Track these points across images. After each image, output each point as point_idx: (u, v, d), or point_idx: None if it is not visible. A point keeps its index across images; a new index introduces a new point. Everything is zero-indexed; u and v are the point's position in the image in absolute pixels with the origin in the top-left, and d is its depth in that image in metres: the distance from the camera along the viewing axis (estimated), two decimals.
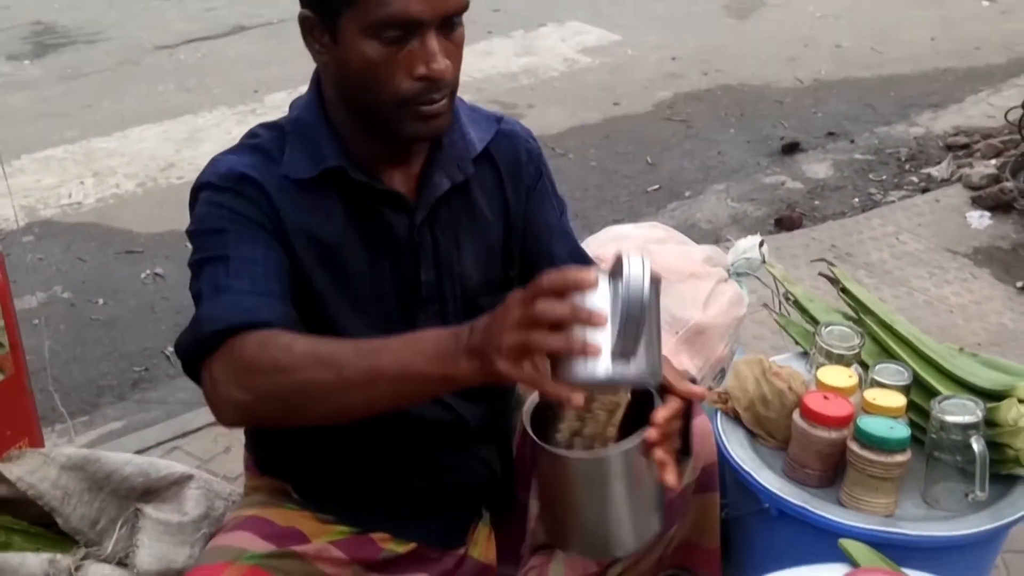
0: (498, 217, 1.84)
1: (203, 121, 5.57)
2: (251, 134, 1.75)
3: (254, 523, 1.81)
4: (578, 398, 1.34)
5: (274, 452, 1.94)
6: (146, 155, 5.21)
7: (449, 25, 1.58)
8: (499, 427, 1.97)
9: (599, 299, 1.29)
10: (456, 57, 1.62)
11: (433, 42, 1.56)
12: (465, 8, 1.60)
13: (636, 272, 1.28)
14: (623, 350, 1.28)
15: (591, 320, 1.27)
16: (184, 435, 3.03)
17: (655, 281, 1.30)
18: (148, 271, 4.23)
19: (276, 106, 5.68)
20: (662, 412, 1.51)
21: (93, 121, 5.49)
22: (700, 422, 1.88)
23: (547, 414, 1.57)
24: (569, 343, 1.28)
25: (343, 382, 1.42)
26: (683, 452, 1.66)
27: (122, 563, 2.16)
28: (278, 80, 5.90)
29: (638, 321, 1.28)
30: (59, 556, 2.11)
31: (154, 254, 4.36)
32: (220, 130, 5.45)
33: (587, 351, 1.27)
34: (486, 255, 1.83)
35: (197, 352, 1.52)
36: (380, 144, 1.70)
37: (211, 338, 1.50)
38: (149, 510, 2.22)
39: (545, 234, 1.90)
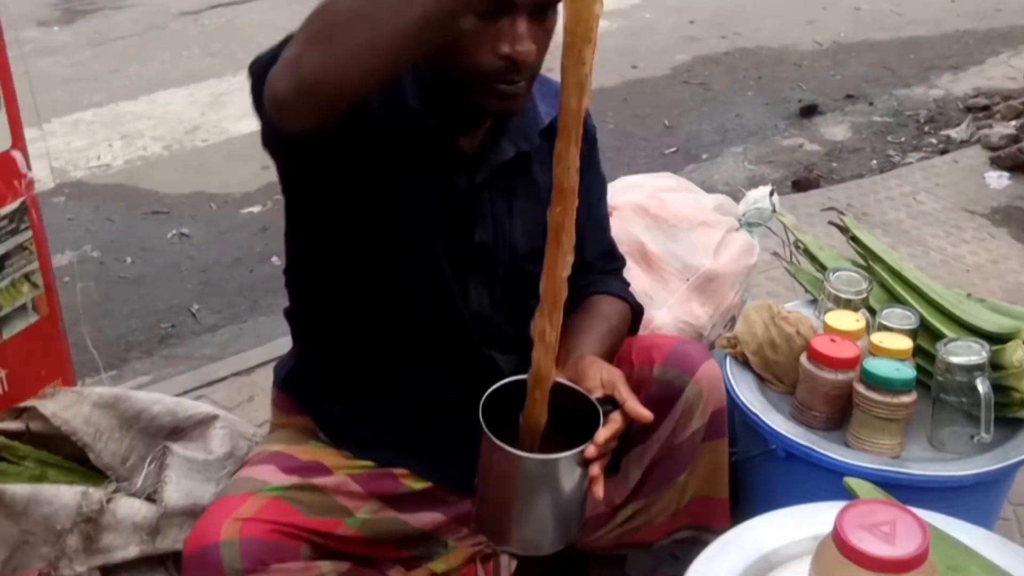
0: (549, 191, 1.88)
1: (227, 85, 5.63)
2: None
3: (278, 457, 1.86)
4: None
5: (303, 387, 2.00)
6: (172, 118, 5.29)
7: (542, 11, 1.58)
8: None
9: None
10: (543, 43, 1.61)
11: (523, 25, 1.56)
12: None
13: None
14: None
15: None
16: (210, 384, 3.10)
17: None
18: (174, 231, 4.31)
19: None
20: (603, 433, 1.60)
21: (121, 85, 5.57)
22: (708, 367, 1.93)
23: (502, 408, 1.65)
24: None
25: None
26: (612, 467, 1.76)
27: (150, 498, 2.23)
28: None
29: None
30: (91, 489, 2.19)
31: (180, 215, 4.44)
32: (244, 94, 5.41)
33: None
34: (534, 226, 1.85)
35: (277, 50, 1.49)
36: (455, 104, 1.71)
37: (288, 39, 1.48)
38: (177, 448, 2.29)
39: (580, 218, 1.95)
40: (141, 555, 2.19)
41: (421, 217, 1.77)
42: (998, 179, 4.28)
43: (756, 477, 2.13)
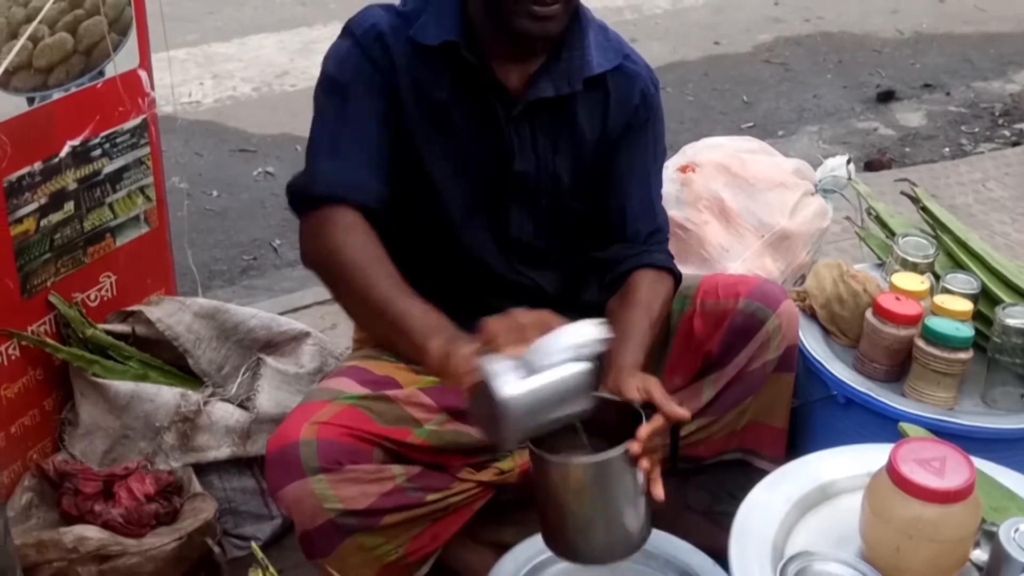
0: (595, 138, 2.01)
1: (317, 34, 5.76)
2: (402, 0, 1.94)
3: (354, 371, 2.00)
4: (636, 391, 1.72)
5: None
6: (263, 61, 5.44)
7: None
8: (582, 301, 2.14)
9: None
10: None
11: None
12: None
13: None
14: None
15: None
16: (294, 310, 3.23)
17: None
18: (260, 169, 4.45)
19: None
20: (645, 429, 1.66)
21: (214, 27, 5.71)
22: (788, 305, 2.07)
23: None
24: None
25: (362, 298, 1.77)
26: (671, 470, 1.81)
27: (243, 405, 2.38)
28: None
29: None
30: (190, 392, 2.35)
31: (266, 154, 4.58)
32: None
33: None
34: (578, 164, 2.00)
35: (302, 204, 1.88)
36: (502, 36, 1.86)
37: (315, 200, 1.84)
38: (270, 360, 2.44)
39: (625, 170, 2.05)
40: (232, 456, 2.34)
41: (461, 144, 1.92)
42: None
43: (815, 421, 2.25)
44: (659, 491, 1.67)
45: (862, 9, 6.35)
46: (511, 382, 1.53)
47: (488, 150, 1.93)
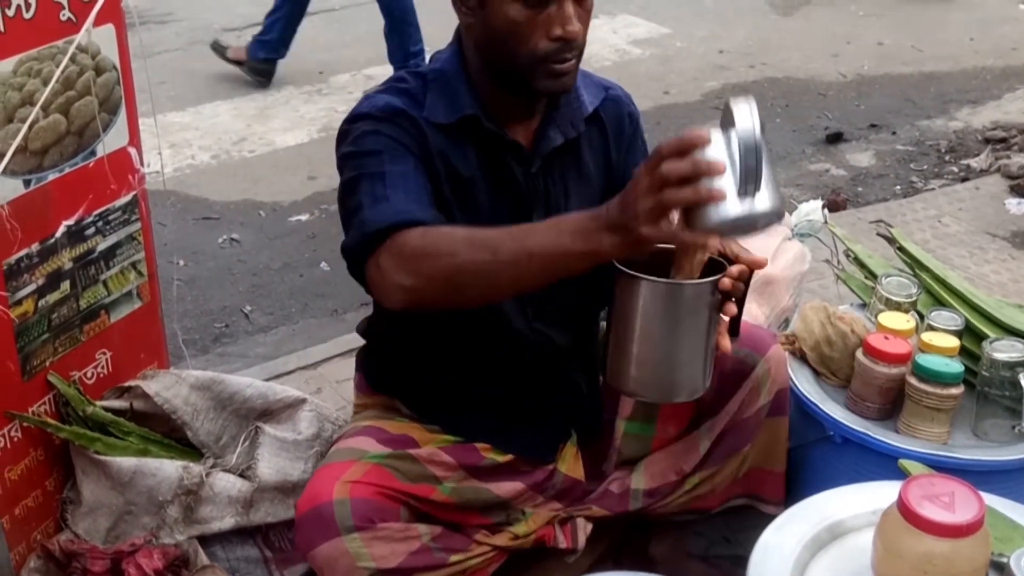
0: (601, 172, 2.08)
1: (271, 100, 5.80)
2: (398, 78, 1.98)
3: (371, 431, 2.04)
4: (715, 242, 1.67)
5: (386, 372, 2.17)
6: (219, 129, 5.45)
7: None
8: (586, 352, 2.20)
9: (716, 151, 1.43)
10: (585, 23, 1.84)
11: (569, 7, 1.79)
12: None
13: (745, 119, 1.43)
14: (746, 191, 1.43)
15: (712, 170, 1.42)
16: (278, 377, 3.25)
17: (763, 124, 1.43)
18: (225, 236, 4.45)
19: (341, 87, 5.93)
20: (735, 269, 1.79)
21: (167, 97, 5.72)
22: (777, 350, 2.13)
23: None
24: (698, 193, 1.42)
25: (497, 262, 1.63)
26: (733, 332, 1.90)
27: (243, 475, 2.39)
28: (342, 63, 6.17)
29: (755, 163, 1.42)
30: (192, 464, 2.35)
31: (230, 221, 4.58)
32: (288, 107, 5.69)
33: (715, 196, 1.42)
34: (588, 204, 2.04)
35: (365, 248, 1.74)
36: (509, 99, 1.93)
37: (376, 236, 1.72)
38: (268, 428, 2.45)
39: None
40: (236, 527, 2.34)
41: (484, 211, 1.95)
42: (1018, 205, 4.47)
43: (811, 462, 2.30)
44: (726, 342, 1.81)
45: (804, 54, 6.51)
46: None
47: (507, 212, 1.96)
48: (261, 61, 5.88)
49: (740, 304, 1.86)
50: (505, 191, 1.98)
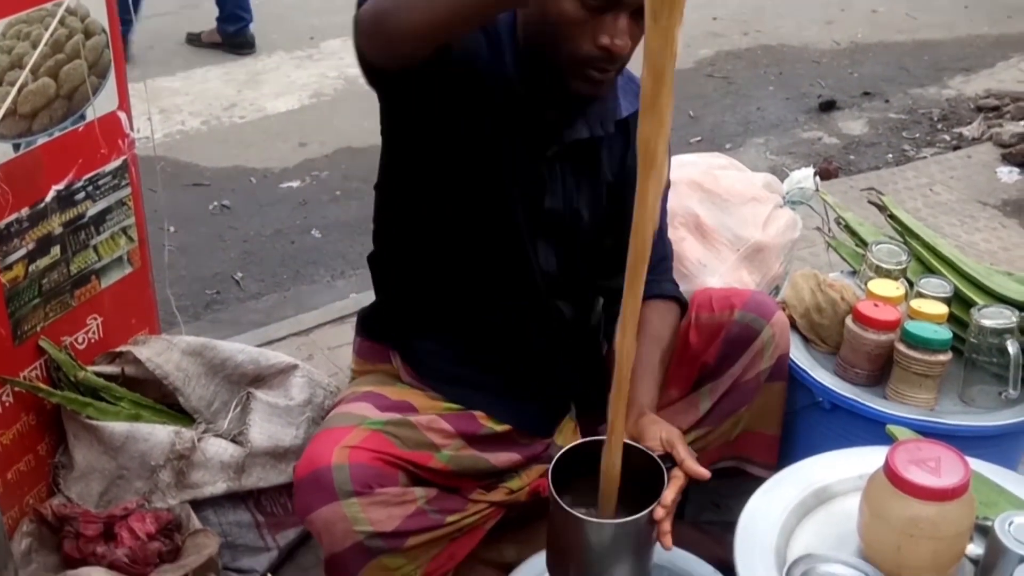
0: (613, 177, 2.06)
1: (262, 65, 5.79)
2: None
3: (371, 396, 2.04)
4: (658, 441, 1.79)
5: (388, 328, 2.17)
6: (210, 95, 5.43)
7: (641, 12, 1.70)
8: (588, 326, 2.21)
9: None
10: (637, 39, 1.75)
11: (624, 21, 1.72)
12: None
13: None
14: None
15: None
16: (270, 343, 3.25)
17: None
18: (215, 203, 4.46)
19: (332, 52, 5.90)
20: (670, 493, 1.72)
21: (156, 61, 5.70)
22: (781, 316, 2.17)
23: (571, 471, 1.75)
24: None
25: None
26: (677, 515, 1.85)
27: (235, 440, 2.39)
28: (333, 28, 6.13)
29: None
30: (183, 429, 2.36)
31: (220, 187, 4.58)
32: (279, 73, 5.67)
33: None
34: (597, 202, 2.05)
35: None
36: (546, 80, 1.87)
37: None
38: (259, 394, 2.45)
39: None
40: (228, 491, 2.35)
41: (499, 177, 1.94)
42: (1009, 174, 4.48)
43: (801, 427, 2.32)
44: (669, 542, 1.73)
45: (798, 21, 6.49)
46: None
47: (522, 184, 1.95)
48: (232, 35, 5.89)
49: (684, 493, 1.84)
50: (520, 163, 1.94)
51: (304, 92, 5.45)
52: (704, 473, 1.79)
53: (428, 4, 1.58)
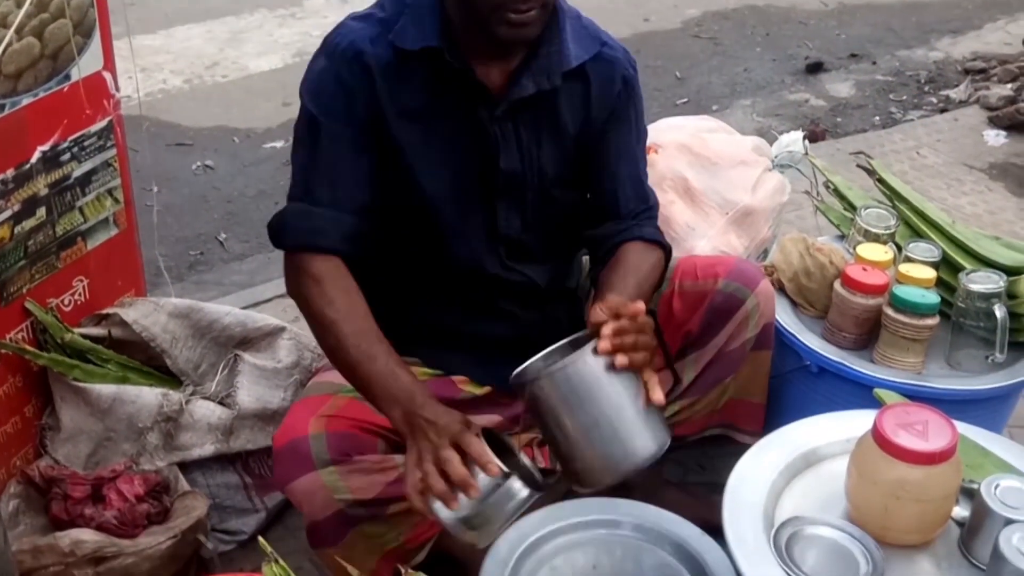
0: (577, 128, 2.01)
1: (244, 23, 5.74)
2: (379, 5, 1.94)
3: None
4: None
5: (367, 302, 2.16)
6: (192, 53, 5.39)
7: None
8: (567, 289, 2.20)
9: (486, 482, 1.61)
10: None
11: None
12: None
13: (514, 497, 1.63)
14: (469, 525, 1.64)
15: (466, 491, 1.60)
16: (255, 304, 3.25)
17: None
18: (198, 162, 4.43)
19: (315, 10, 5.85)
20: (610, 325, 1.64)
21: (137, 19, 5.59)
22: (765, 284, 2.14)
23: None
24: (439, 490, 1.61)
25: (333, 354, 1.84)
26: (675, 381, 1.86)
27: (223, 402, 2.39)
28: None
29: (489, 519, 1.64)
30: (171, 391, 2.35)
31: (203, 147, 4.56)
32: (262, 32, 5.62)
33: (447, 503, 1.61)
34: (562, 156, 2.02)
35: (278, 245, 1.93)
36: (480, 38, 1.86)
37: (288, 248, 1.91)
38: (247, 356, 2.45)
39: (614, 154, 2.05)
40: (216, 453, 2.35)
41: (449, 145, 1.93)
42: (995, 137, 4.48)
43: (788, 391, 2.32)
44: (657, 395, 1.64)
45: None
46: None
47: (473, 151, 1.94)
48: None
49: (662, 342, 1.78)
50: (465, 130, 1.93)
51: (287, 51, 5.40)
52: (638, 308, 1.69)
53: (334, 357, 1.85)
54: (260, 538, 1.66)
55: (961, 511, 1.73)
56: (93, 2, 2.25)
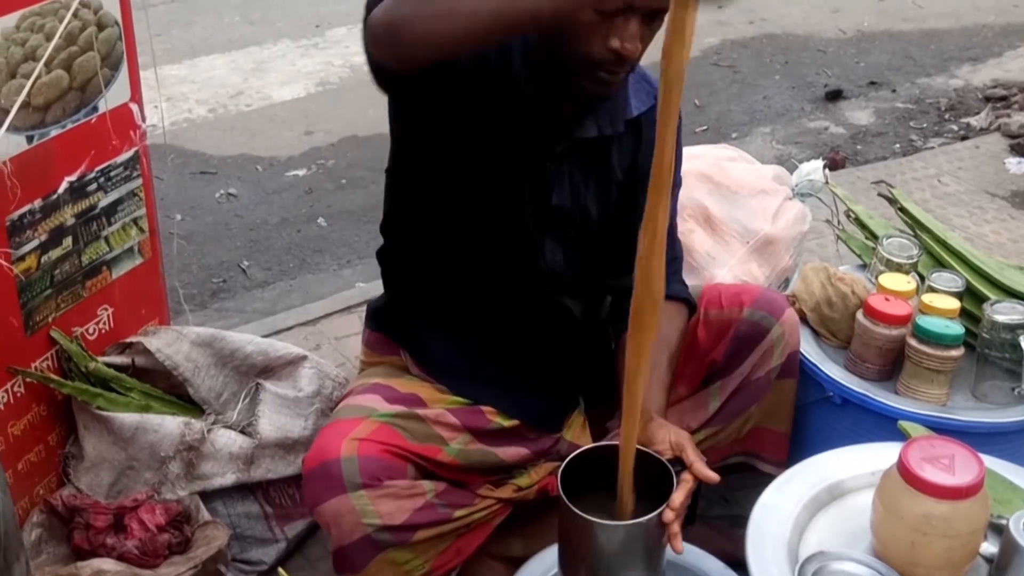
0: (624, 175, 2.04)
1: (268, 53, 5.77)
2: None
3: (379, 388, 2.03)
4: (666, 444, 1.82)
5: (396, 323, 2.17)
6: (216, 83, 5.42)
7: (653, 16, 1.73)
8: (598, 322, 2.20)
9: None
10: (647, 43, 1.76)
11: (635, 26, 1.71)
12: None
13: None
14: None
15: None
16: (276, 333, 3.25)
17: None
18: (222, 191, 4.45)
19: (337, 40, 5.89)
20: (679, 496, 1.74)
21: (163, 49, 5.66)
22: (791, 313, 2.16)
23: (579, 475, 1.77)
24: None
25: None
26: (688, 519, 1.91)
27: (244, 431, 2.40)
28: (338, 16, 6.11)
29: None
30: (193, 420, 2.36)
31: (227, 175, 4.58)
32: (285, 61, 5.66)
33: None
34: (607, 200, 2.04)
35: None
36: (555, 80, 1.86)
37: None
38: (268, 385, 2.46)
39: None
40: (237, 483, 2.36)
41: (506, 174, 1.94)
42: (1017, 164, 4.46)
43: (811, 423, 2.31)
44: (679, 545, 1.76)
45: (804, 10, 6.47)
46: None
47: (527, 180, 1.95)
48: None
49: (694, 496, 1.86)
50: (528, 160, 1.94)
51: (310, 80, 5.44)
52: (713, 477, 1.82)
53: (449, 21, 1.60)
54: (280, 569, 1.67)
55: (989, 547, 1.71)
56: (121, 35, 2.28)
